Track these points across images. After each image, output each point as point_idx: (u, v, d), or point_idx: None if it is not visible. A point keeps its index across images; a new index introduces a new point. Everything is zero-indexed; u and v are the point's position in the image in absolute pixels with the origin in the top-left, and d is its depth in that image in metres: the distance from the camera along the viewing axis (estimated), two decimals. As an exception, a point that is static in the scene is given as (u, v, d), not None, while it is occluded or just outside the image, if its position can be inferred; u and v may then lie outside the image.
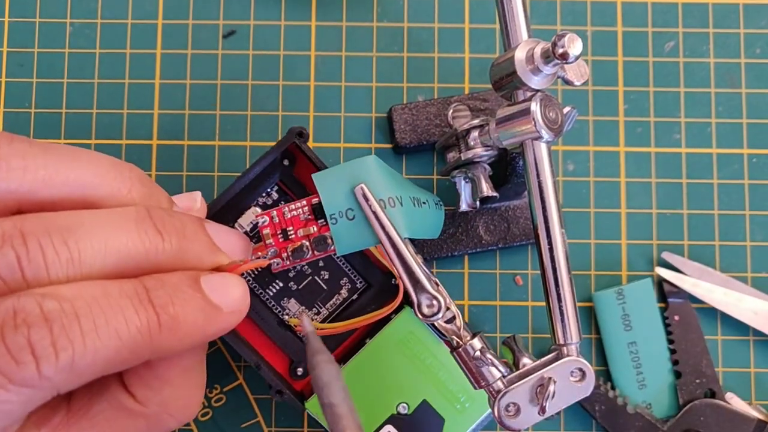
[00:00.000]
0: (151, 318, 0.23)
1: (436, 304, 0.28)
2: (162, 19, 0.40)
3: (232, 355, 0.38)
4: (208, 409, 0.38)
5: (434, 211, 0.33)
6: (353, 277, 0.35)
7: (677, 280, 0.38)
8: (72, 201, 0.25)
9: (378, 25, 0.40)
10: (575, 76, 0.30)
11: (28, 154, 0.24)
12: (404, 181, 0.32)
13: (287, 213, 0.30)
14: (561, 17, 0.41)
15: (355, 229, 0.29)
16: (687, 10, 0.41)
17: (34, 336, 0.21)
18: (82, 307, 0.22)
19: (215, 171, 0.39)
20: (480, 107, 0.38)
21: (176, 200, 0.29)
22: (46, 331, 0.21)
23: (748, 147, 0.40)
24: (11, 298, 0.22)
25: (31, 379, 0.21)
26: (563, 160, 0.40)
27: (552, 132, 0.29)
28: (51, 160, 0.25)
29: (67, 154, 0.25)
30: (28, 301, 0.22)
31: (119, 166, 0.27)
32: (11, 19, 0.40)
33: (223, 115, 0.40)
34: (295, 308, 0.35)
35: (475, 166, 0.34)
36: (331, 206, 0.29)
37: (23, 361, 0.21)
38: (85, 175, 0.25)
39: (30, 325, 0.21)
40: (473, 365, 0.28)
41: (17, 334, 0.21)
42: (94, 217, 0.24)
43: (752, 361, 0.39)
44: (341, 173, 0.29)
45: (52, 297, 0.22)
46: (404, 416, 0.33)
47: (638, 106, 0.40)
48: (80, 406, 0.26)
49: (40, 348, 0.21)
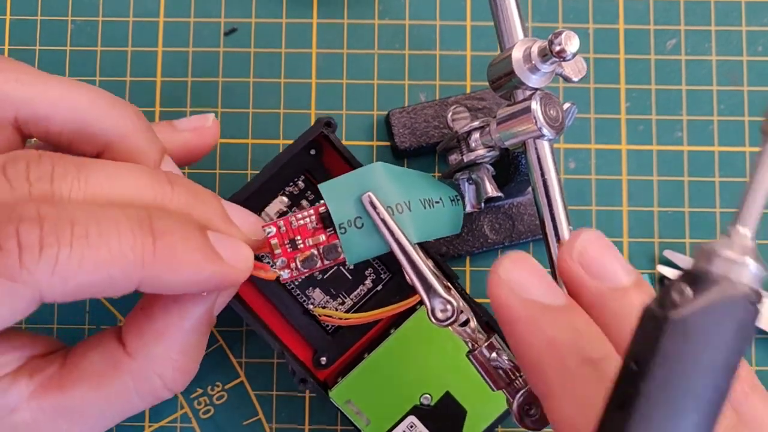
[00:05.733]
0: (146, 241, 0.23)
1: (450, 308, 0.28)
2: (163, 16, 0.40)
3: (234, 351, 0.38)
4: (209, 406, 0.38)
5: (449, 208, 0.33)
6: (378, 267, 0.35)
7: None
8: (69, 119, 0.26)
9: (379, 23, 0.40)
10: (573, 72, 0.29)
11: (29, 70, 0.26)
12: (416, 182, 0.32)
13: (294, 223, 0.30)
14: (562, 15, 0.41)
15: (364, 237, 0.29)
16: (689, 7, 0.41)
17: (23, 229, 0.21)
18: (78, 216, 0.22)
19: (217, 168, 0.39)
20: (477, 106, 0.38)
21: (185, 120, 0.30)
22: (37, 227, 0.21)
23: (750, 145, 0.40)
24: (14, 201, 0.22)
25: (11, 268, 0.21)
26: (565, 157, 0.40)
27: (554, 129, 0.29)
28: (50, 81, 0.26)
29: (65, 81, 0.26)
30: (28, 204, 0.22)
31: (117, 104, 0.27)
32: (13, 16, 0.40)
33: (225, 113, 0.40)
34: (319, 298, 0.35)
35: (477, 168, 0.34)
36: (340, 215, 0.29)
37: (6, 248, 0.21)
38: (81, 99, 0.26)
39: (22, 220, 0.21)
40: (490, 367, 0.28)
41: (8, 225, 0.21)
42: (107, 161, 0.25)
43: (753, 359, 0.39)
44: (348, 182, 0.29)
45: (51, 204, 0.22)
46: (427, 407, 0.33)
47: (640, 104, 0.40)
48: (75, 359, 0.26)
49: (26, 240, 0.21)
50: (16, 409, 0.25)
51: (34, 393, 0.25)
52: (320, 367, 0.34)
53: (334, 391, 0.33)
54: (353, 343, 0.35)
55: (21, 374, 0.25)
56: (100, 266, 0.22)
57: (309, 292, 0.35)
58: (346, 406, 0.33)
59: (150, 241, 0.23)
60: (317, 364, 0.34)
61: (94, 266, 0.22)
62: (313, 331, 0.35)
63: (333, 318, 0.34)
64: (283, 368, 0.38)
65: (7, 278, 0.21)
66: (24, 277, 0.21)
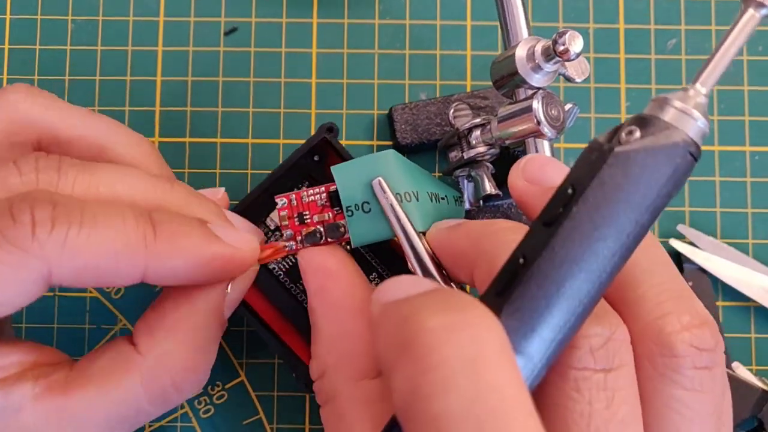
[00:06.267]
0: (148, 227, 0.25)
1: None
2: (163, 16, 0.40)
3: (234, 351, 0.38)
4: (209, 405, 0.38)
5: (454, 207, 0.33)
6: (381, 272, 0.35)
7: (690, 253, 0.38)
8: (88, 144, 0.28)
9: (380, 23, 0.40)
10: (576, 73, 0.30)
11: (53, 98, 0.29)
12: (424, 176, 0.32)
13: (305, 197, 0.30)
14: (563, 14, 0.41)
15: (370, 221, 0.29)
16: (689, 7, 0.41)
17: (38, 208, 0.23)
18: (88, 205, 0.24)
19: (217, 168, 0.39)
20: (480, 105, 0.38)
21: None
22: (49, 207, 0.23)
23: (750, 144, 0.40)
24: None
25: (24, 239, 0.23)
26: (565, 157, 0.40)
27: (554, 129, 0.29)
28: (71, 109, 0.29)
29: (85, 111, 0.29)
30: (43, 191, 0.25)
31: (134, 134, 0.30)
32: (13, 16, 0.40)
33: (225, 113, 0.40)
34: None
35: (477, 165, 0.34)
36: (348, 198, 0.29)
37: (21, 221, 0.23)
38: (100, 126, 0.29)
39: (36, 201, 0.23)
40: None
41: (23, 203, 0.23)
42: (111, 164, 0.28)
43: (752, 329, 0.39)
44: (360, 166, 0.29)
45: (64, 195, 0.25)
46: None
47: (640, 104, 0.40)
48: (83, 365, 0.26)
49: (39, 217, 0.23)
50: (20, 410, 0.25)
51: (39, 396, 0.25)
52: None
53: None
54: None
55: (25, 377, 0.25)
56: (107, 245, 0.24)
57: None
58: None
59: (151, 229, 0.25)
60: None
61: (100, 245, 0.24)
62: None
63: None
64: (283, 368, 0.38)
65: (19, 247, 0.23)
66: (35, 249, 0.23)
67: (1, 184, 0.25)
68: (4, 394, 0.25)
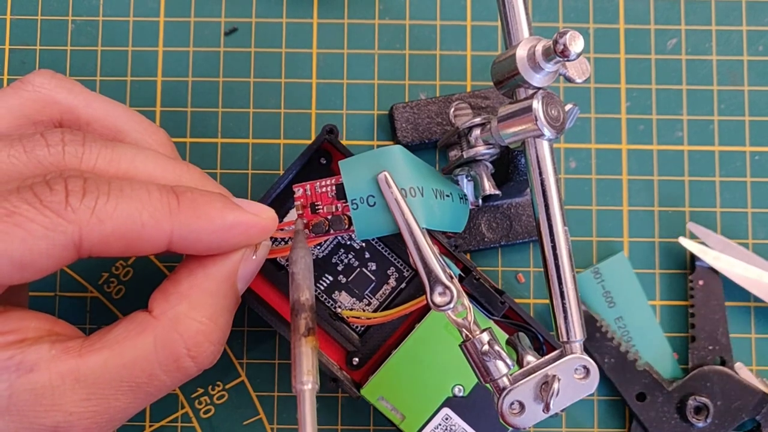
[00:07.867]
0: (171, 196, 0.27)
1: (449, 294, 0.28)
2: (164, 16, 0.40)
3: (235, 351, 0.38)
4: (209, 406, 0.38)
5: (458, 204, 0.33)
6: (399, 266, 0.36)
7: (700, 252, 0.38)
8: (107, 126, 0.30)
9: (380, 23, 0.40)
10: (577, 74, 0.29)
11: (76, 83, 0.31)
12: (430, 173, 0.32)
13: (318, 188, 0.31)
14: (563, 14, 0.41)
15: (375, 215, 0.29)
16: (689, 7, 0.41)
17: (71, 179, 0.25)
18: (114, 181, 0.26)
19: (218, 168, 0.39)
20: (481, 105, 0.38)
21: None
22: (81, 180, 0.25)
23: (751, 144, 0.40)
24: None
25: (58, 204, 0.25)
26: (565, 157, 0.40)
27: (554, 129, 0.29)
28: (93, 94, 0.31)
29: (105, 97, 0.31)
30: (73, 168, 0.27)
31: (150, 123, 0.32)
32: (13, 16, 0.40)
33: (225, 113, 0.40)
34: (346, 300, 0.36)
35: (477, 164, 0.34)
36: (354, 192, 0.30)
37: (56, 189, 0.25)
38: (119, 112, 0.31)
39: (69, 175, 0.26)
40: (480, 359, 0.28)
41: (57, 176, 0.25)
42: (132, 144, 0.30)
43: (753, 329, 0.39)
44: (366, 161, 0.30)
45: (92, 173, 0.27)
46: (460, 398, 0.34)
47: (640, 104, 0.40)
48: (100, 333, 0.27)
49: (72, 187, 0.25)
50: (34, 368, 0.25)
51: (55, 357, 0.26)
52: (353, 368, 0.35)
53: (365, 389, 0.33)
54: (383, 341, 0.35)
55: (42, 340, 0.26)
56: (133, 212, 0.26)
57: (336, 296, 0.36)
58: (379, 403, 0.33)
59: (175, 198, 0.27)
60: (350, 365, 0.35)
61: (127, 211, 0.25)
62: (344, 332, 0.35)
63: (360, 318, 0.34)
64: (283, 368, 0.38)
65: (53, 211, 0.24)
66: (68, 214, 0.25)
67: (29, 155, 0.26)
68: (21, 353, 0.25)
